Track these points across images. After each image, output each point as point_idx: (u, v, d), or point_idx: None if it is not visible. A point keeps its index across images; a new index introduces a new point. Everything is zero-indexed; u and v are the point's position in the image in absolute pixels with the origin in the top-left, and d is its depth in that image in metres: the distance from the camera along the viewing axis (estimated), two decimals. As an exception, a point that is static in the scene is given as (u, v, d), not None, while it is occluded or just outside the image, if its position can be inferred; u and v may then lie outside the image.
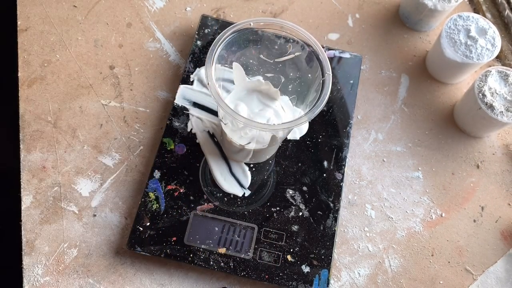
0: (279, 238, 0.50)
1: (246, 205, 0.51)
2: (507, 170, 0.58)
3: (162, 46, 0.60)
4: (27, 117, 0.55)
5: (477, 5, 0.68)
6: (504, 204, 0.56)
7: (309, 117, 0.41)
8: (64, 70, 0.58)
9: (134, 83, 0.58)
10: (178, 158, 0.52)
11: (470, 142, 0.59)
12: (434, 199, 0.56)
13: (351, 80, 0.58)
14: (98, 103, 0.56)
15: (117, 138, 0.55)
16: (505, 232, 0.55)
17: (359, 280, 0.51)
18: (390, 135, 0.59)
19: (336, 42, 0.63)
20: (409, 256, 0.53)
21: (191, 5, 0.64)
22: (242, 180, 0.52)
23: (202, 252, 0.48)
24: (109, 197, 0.52)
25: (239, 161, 0.53)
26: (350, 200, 0.55)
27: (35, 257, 0.49)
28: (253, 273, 0.48)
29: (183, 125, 0.54)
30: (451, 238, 0.54)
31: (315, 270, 0.49)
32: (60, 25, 0.60)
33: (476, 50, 0.56)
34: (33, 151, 0.53)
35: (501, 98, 0.54)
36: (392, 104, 0.60)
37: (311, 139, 0.55)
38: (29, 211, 0.51)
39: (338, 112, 0.57)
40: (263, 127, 0.39)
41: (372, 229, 0.54)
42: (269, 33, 0.47)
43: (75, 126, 0.55)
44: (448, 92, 0.62)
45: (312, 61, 0.45)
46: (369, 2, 0.67)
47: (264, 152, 0.50)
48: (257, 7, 0.65)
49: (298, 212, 0.51)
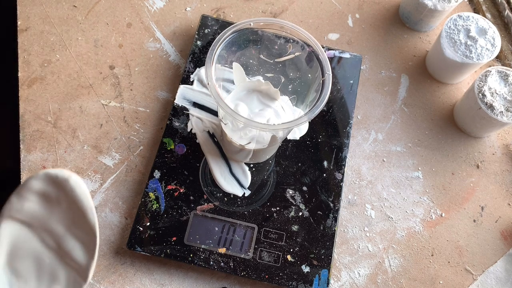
0: (279, 238, 0.50)
1: (246, 205, 0.51)
2: (507, 170, 0.58)
3: (162, 46, 0.60)
4: (27, 117, 0.55)
5: (477, 5, 0.68)
6: (504, 204, 0.56)
7: (309, 117, 0.41)
8: (64, 70, 0.58)
9: (134, 83, 0.58)
10: (178, 158, 0.52)
11: (470, 142, 0.59)
12: (434, 199, 0.56)
13: (351, 80, 0.58)
14: (98, 103, 0.56)
15: (117, 138, 0.55)
16: (505, 232, 0.55)
17: (359, 280, 0.51)
18: (390, 135, 0.59)
19: (336, 42, 0.63)
20: (409, 256, 0.53)
21: (191, 5, 0.64)
22: (242, 180, 0.52)
23: (202, 252, 0.48)
24: (109, 197, 0.52)
25: (239, 161, 0.53)
26: (350, 200, 0.55)
27: (35, 257, 0.49)
28: (253, 273, 0.48)
29: (183, 125, 0.54)
30: (451, 238, 0.54)
31: (315, 270, 0.49)
32: (60, 25, 0.60)
33: (476, 50, 0.56)
34: (33, 151, 0.53)
35: (501, 98, 0.54)
36: (392, 104, 0.60)
37: (311, 139, 0.55)
38: (29, 211, 0.51)
39: (338, 112, 0.57)
40: (263, 127, 0.39)
41: (372, 229, 0.54)
42: (269, 33, 0.47)
43: (75, 126, 0.55)
44: (448, 92, 0.62)
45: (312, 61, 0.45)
46: (369, 2, 0.67)
47: (264, 152, 0.50)
48: (257, 7, 0.65)
49: (298, 212, 0.51)
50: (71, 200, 0.30)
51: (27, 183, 0.30)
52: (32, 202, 0.31)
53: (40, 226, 0.31)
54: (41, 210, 0.31)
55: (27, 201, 0.31)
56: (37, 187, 0.31)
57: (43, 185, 0.31)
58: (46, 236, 0.31)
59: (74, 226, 0.31)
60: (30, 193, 0.31)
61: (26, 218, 0.31)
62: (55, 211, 0.31)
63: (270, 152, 0.53)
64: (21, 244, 0.31)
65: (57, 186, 0.31)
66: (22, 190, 0.31)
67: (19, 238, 0.31)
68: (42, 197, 0.31)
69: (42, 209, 0.31)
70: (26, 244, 0.31)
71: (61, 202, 0.31)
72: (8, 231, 0.30)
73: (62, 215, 0.31)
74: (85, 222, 0.30)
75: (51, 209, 0.31)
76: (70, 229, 0.31)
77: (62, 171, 0.30)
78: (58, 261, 0.31)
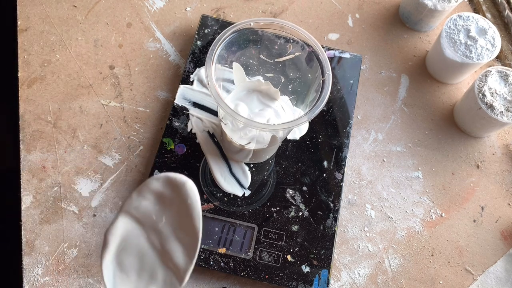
0: (279, 238, 0.50)
1: (246, 205, 0.51)
2: (507, 170, 0.58)
3: (162, 46, 0.60)
4: (27, 117, 0.55)
5: (477, 5, 0.68)
6: (504, 204, 0.56)
7: (309, 117, 0.41)
8: (64, 70, 0.58)
9: (134, 83, 0.58)
10: (178, 158, 0.52)
11: (470, 142, 0.59)
12: (434, 199, 0.56)
13: (351, 80, 0.58)
14: (98, 103, 0.56)
15: (117, 138, 0.55)
16: (505, 232, 0.55)
17: (359, 280, 0.51)
18: (390, 135, 0.59)
19: (336, 42, 0.63)
20: (409, 256, 0.53)
21: (191, 5, 0.64)
22: (242, 180, 0.52)
23: (202, 252, 0.48)
24: (109, 197, 0.52)
25: (239, 161, 0.53)
26: (350, 200, 0.55)
27: (35, 257, 0.49)
28: (253, 273, 0.48)
29: (183, 125, 0.54)
30: (451, 238, 0.54)
31: (315, 270, 0.49)
32: (60, 25, 0.60)
33: (476, 50, 0.56)
34: (33, 151, 0.53)
35: (501, 98, 0.54)
36: (392, 104, 0.60)
37: (311, 139, 0.55)
38: (29, 211, 0.51)
39: (338, 112, 0.57)
40: (263, 127, 0.39)
41: (372, 229, 0.54)
42: (269, 33, 0.47)
43: (75, 126, 0.55)
44: (448, 92, 0.62)
45: (312, 61, 0.45)
46: (369, 2, 0.67)
47: (264, 152, 0.50)
48: (257, 7, 0.65)
49: (298, 212, 0.51)
50: (183, 203, 0.32)
51: (148, 182, 0.32)
52: (148, 201, 0.32)
53: (150, 225, 0.33)
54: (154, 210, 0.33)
55: (144, 200, 0.32)
56: (156, 187, 0.32)
57: (162, 186, 0.32)
58: (153, 235, 0.32)
59: (179, 229, 0.32)
60: (148, 192, 0.32)
61: (140, 216, 0.32)
62: (166, 212, 0.33)
63: (270, 152, 0.52)
64: (130, 240, 0.32)
65: (173, 188, 0.32)
66: (142, 188, 0.33)
67: (130, 234, 0.32)
68: (158, 197, 0.32)
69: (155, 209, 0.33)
70: (135, 240, 0.33)
71: (173, 204, 0.32)
72: (123, 225, 0.32)
73: (171, 217, 0.32)
74: (191, 226, 0.32)
75: (164, 210, 0.33)
76: (176, 231, 0.32)
77: (181, 176, 0.32)
78: (159, 261, 0.33)
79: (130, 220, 0.32)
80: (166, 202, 0.33)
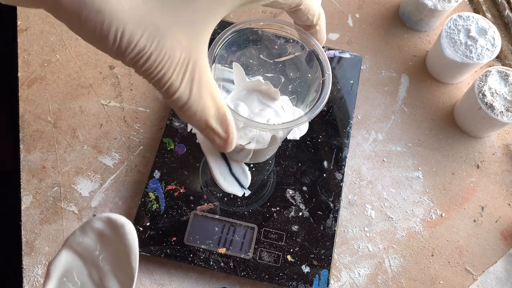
0: (279, 238, 0.50)
1: (246, 205, 0.51)
2: (507, 170, 0.58)
3: (162, 46, 0.60)
4: (27, 117, 0.55)
5: (477, 5, 0.68)
6: (504, 204, 0.56)
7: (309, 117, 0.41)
8: (64, 70, 0.58)
9: (134, 83, 0.58)
10: (178, 158, 0.52)
11: (470, 142, 0.59)
12: (434, 199, 0.56)
13: (351, 80, 0.58)
14: (98, 103, 0.56)
15: (117, 138, 0.55)
16: (505, 232, 0.55)
17: (359, 280, 0.51)
18: (390, 135, 0.59)
19: (336, 42, 0.63)
20: (409, 256, 0.53)
21: (191, 5, 0.63)
22: (242, 180, 0.52)
23: (202, 252, 0.48)
24: (109, 197, 0.52)
25: (239, 161, 0.53)
26: (350, 200, 0.55)
27: (35, 257, 0.49)
28: (253, 273, 0.48)
29: (183, 125, 0.54)
30: (451, 238, 0.54)
31: (315, 270, 0.49)
32: (60, 25, 0.60)
33: (476, 50, 0.56)
34: (33, 151, 0.53)
35: (501, 98, 0.54)
36: (392, 104, 0.60)
37: (311, 139, 0.55)
38: (29, 211, 0.51)
39: (338, 112, 0.57)
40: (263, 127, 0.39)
41: (372, 229, 0.54)
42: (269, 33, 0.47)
43: (75, 126, 0.55)
44: (448, 92, 0.62)
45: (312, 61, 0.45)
46: (369, 2, 0.67)
47: (264, 152, 0.50)
48: (257, 7, 0.65)
49: (298, 212, 0.51)
50: (121, 243, 0.35)
51: (91, 221, 0.35)
52: (90, 239, 0.35)
53: (91, 260, 0.35)
54: (95, 247, 0.35)
55: (86, 237, 0.35)
56: (98, 226, 0.35)
57: (103, 225, 0.35)
58: (94, 270, 0.35)
59: (117, 267, 0.35)
60: (91, 230, 0.35)
61: (83, 251, 0.35)
62: (107, 250, 0.35)
63: (270, 152, 0.52)
64: (72, 273, 0.35)
65: (113, 229, 0.35)
66: (85, 226, 0.35)
67: (72, 267, 0.35)
68: (100, 235, 0.35)
69: (96, 246, 0.35)
70: (76, 273, 0.35)
71: (113, 243, 0.35)
72: (66, 258, 0.35)
73: (110, 255, 0.35)
74: (128, 266, 0.34)
75: (104, 248, 0.35)
76: (114, 269, 0.35)
77: (122, 217, 0.35)
78: None
79: (73, 254, 0.35)
80: (106, 240, 0.35)
